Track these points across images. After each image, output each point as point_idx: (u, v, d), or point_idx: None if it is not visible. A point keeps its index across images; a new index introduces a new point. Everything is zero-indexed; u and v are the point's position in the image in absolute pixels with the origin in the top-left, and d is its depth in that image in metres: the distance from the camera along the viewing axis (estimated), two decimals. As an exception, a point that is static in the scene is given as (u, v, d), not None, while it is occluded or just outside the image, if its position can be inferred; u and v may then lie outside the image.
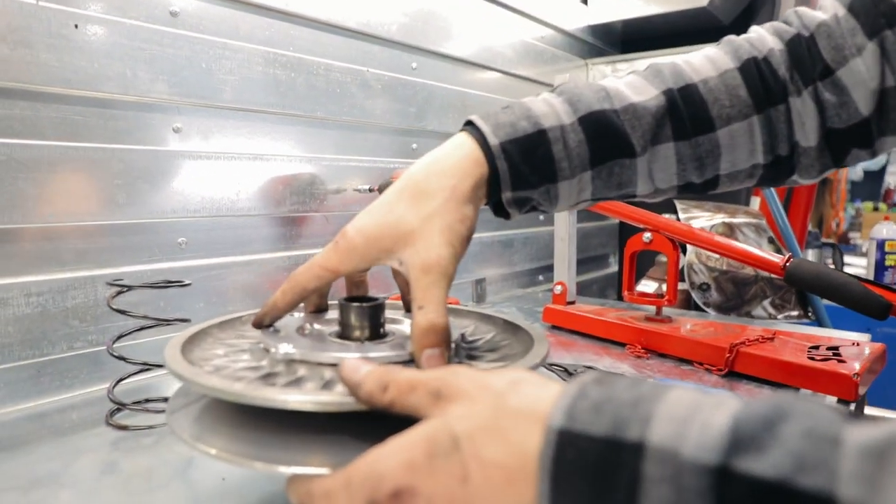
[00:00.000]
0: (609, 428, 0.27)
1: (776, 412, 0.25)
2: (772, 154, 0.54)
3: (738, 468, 0.24)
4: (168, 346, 0.47)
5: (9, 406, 0.73)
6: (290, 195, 1.02)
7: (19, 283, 0.72)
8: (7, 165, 0.70)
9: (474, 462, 0.30)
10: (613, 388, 0.30)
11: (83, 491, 0.55)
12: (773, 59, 0.52)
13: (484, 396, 0.32)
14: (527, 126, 0.48)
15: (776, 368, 0.84)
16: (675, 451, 0.25)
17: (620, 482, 0.26)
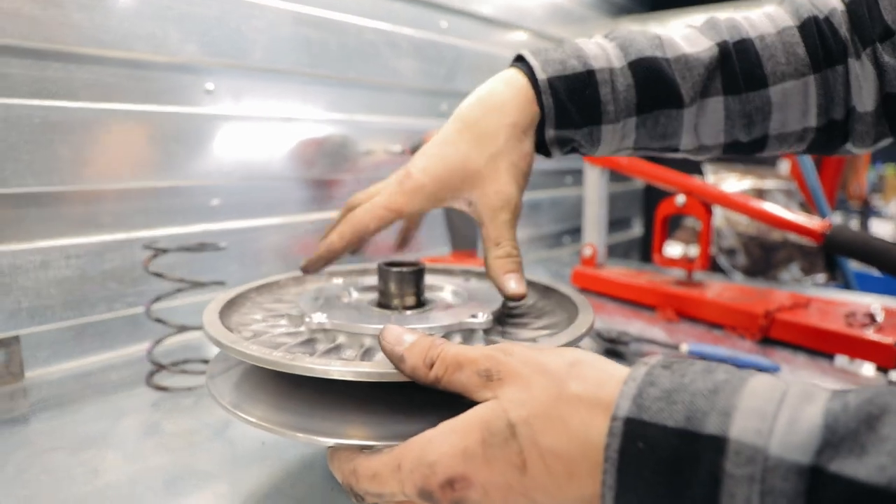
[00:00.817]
0: (683, 419, 0.25)
1: (875, 407, 0.23)
2: (826, 117, 0.52)
3: (835, 470, 0.22)
4: (206, 312, 0.48)
5: (54, 365, 0.74)
6: (321, 157, 1.01)
7: (59, 246, 0.73)
8: (43, 128, 0.70)
9: (533, 450, 0.29)
10: (686, 374, 0.27)
11: (128, 452, 0.56)
12: (834, 18, 0.50)
13: (541, 380, 0.30)
14: (576, 64, 0.47)
15: (813, 336, 0.83)
16: (762, 449, 0.23)
17: (697, 478, 0.24)
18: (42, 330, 0.72)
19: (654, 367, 0.29)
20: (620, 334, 0.86)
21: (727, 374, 0.27)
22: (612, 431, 0.27)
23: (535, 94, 0.47)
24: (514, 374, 0.31)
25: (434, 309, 0.50)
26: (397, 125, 1.13)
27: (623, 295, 1.10)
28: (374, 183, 0.53)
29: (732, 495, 0.23)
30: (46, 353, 0.74)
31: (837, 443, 0.23)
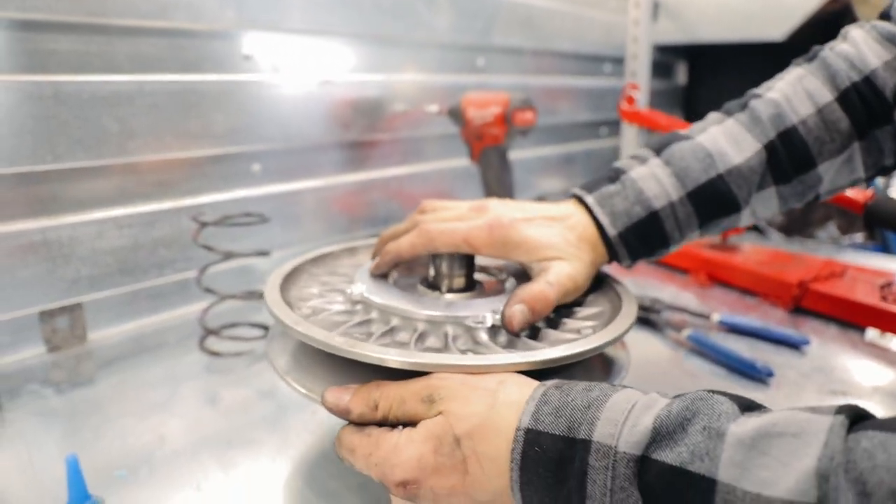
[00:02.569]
0: (566, 428, 0.34)
1: (688, 412, 0.32)
2: (874, 169, 0.55)
3: (654, 457, 0.31)
4: (267, 288, 0.51)
5: (113, 328, 0.79)
6: (358, 118, 1.01)
7: (112, 217, 0.76)
8: (91, 104, 0.71)
9: (472, 457, 0.36)
10: (570, 393, 0.36)
11: (189, 419, 0.61)
12: (875, 79, 0.51)
13: (477, 395, 0.37)
14: (640, 211, 0.53)
15: (845, 308, 0.84)
16: (612, 447, 0.32)
17: (573, 470, 0.33)
18: (101, 297, 0.77)
19: (549, 389, 0.37)
20: (653, 301, 0.87)
21: (599, 392, 0.35)
22: (516, 438, 0.35)
23: (605, 245, 0.53)
24: (453, 393, 0.38)
25: (478, 295, 0.53)
26: (434, 82, 1.12)
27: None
28: (410, 144, 0.56)
29: (594, 481, 0.32)
30: (106, 317, 0.78)
31: (660, 439, 0.31)
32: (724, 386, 0.69)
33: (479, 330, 0.46)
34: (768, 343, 0.79)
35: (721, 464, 0.29)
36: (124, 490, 0.50)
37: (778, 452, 0.28)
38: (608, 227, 0.53)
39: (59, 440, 0.57)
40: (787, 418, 0.29)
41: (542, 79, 1.39)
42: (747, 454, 0.28)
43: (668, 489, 0.30)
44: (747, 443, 0.29)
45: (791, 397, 0.66)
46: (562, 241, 0.51)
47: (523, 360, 0.40)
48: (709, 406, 0.32)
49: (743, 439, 0.29)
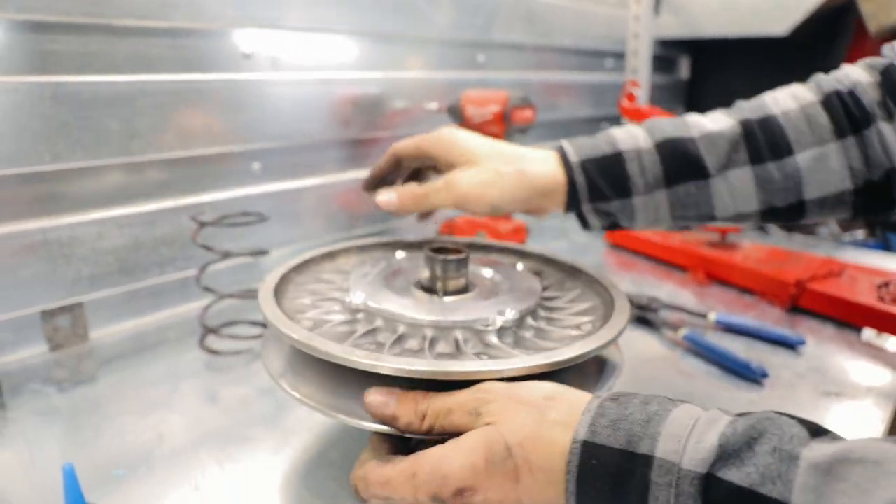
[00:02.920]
0: (624, 443, 0.34)
1: (755, 431, 0.31)
2: (863, 180, 0.54)
3: (720, 476, 0.30)
4: (261, 293, 0.51)
5: (114, 327, 0.80)
6: (358, 116, 1.01)
7: (112, 217, 0.77)
8: (92, 104, 0.72)
9: (524, 466, 0.36)
10: (627, 406, 0.35)
11: (189, 417, 0.62)
12: (857, 89, 0.53)
13: (525, 410, 0.37)
14: (606, 148, 0.56)
15: (842, 308, 0.84)
16: (676, 464, 0.32)
17: (634, 486, 0.33)
18: (102, 296, 0.78)
19: (605, 401, 0.37)
20: (650, 300, 0.88)
21: (658, 406, 0.35)
22: (572, 451, 0.35)
23: (565, 170, 0.56)
24: (501, 408, 0.38)
25: (471, 299, 0.53)
26: (434, 79, 1.12)
27: (655, 254, 1.11)
28: None
29: (657, 497, 0.32)
30: (107, 316, 0.79)
31: (726, 457, 0.31)
32: (719, 386, 0.69)
33: (488, 333, 0.47)
34: (764, 343, 0.79)
35: (795, 488, 0.28)
36: (123, 489, 0.51)
37: (858, 479, 0.27)
38: (571, 154, 0.56)
39: (61, 439, 0.58)
40: (864, 446, 0.29)
41: (542, 74, 1.39)
42: (823, 479, 0.28)
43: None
44: (823, 468, 0.28)
45: (785, 398, 0.66)
46: (491, 151, 0.55)
47: (545, 360, 0.41)
48: (777, 426, 0.31)
49: (819, 464, 0.28)
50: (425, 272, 0.54)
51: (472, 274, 0.58)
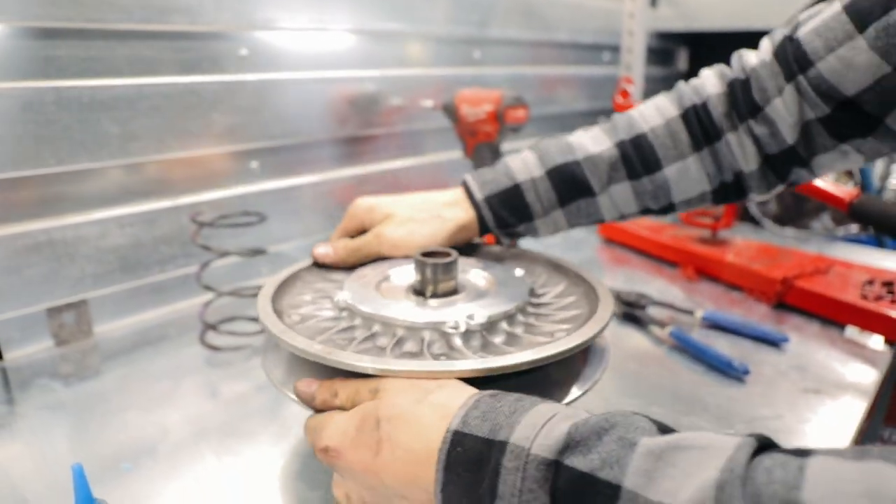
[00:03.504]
0: (488, 432, 0.36)
1: (607, 423, 0.33)
2: (717, 181, 0.64)
3: (567, 463, 0.32)
4: (260, 299, 0.53)
5: (116, 322, 0.83)
6: (355, 114, 1.03)
7: (114, 217, 0.79)
8: (91, 107, 0.74)
9: (387, 441, 0.39)
10: (501, 401, 0.38)
11: (190, 413, 0.64)
12: (710, 103, 0.62)
13: (412, 390, 0.40)
14: (505, 181, 0.64)
15: (826, 305, 0.86)
16: (526, 449, 0.33)
17: (489, 471, 0.34)
18: (105, 293, 0.80)
19: (483, 397, 0.39)
20: (639, 297, 0.90)
21: (528, 402, 0.37)
22: (444, 440, 0.37)
23: (473, 207, 0.64)
24: (391, 387, 0.42)
25: (458, 301, 0.54)
26: (430, 76, 1.14)
27: (647, 249, 1.13)
28: (406, 138, 0.68)
29: (505, 481, 0.33)
30: (111, 312, 0.82)
31: (574, 445, 0.33)
32: (701, 383, 0.72)
33: (453, 335, 0.49)
34: (749, 340, 0.82)
35: (629, 471, 0.30)
36: (130, 482, 0.53)
37: (685, 464, 0.29)
38: (476, 191, 0.64)
39: (68, 433, 0.61)
40: (697, 436, 0.31)
41: (539, 69, 1.40)
42: (655, 464, 0.30)
43: (575, 494, 0.31)
44: (656, 453, 0.30)
45: (765, 395, 0.69)
46: (406, 206, 0.63)
47: (468, 367, 0.43)
48: (627, 420, 0.33)
49: (653, 450, 0.30)
50: (418, 275, 0.56)
51: (466, 278, 0.59)
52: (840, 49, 0.52)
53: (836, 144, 0.58)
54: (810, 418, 0.65)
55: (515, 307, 0.52)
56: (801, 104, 0.57)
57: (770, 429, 0.62)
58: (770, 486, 0.26)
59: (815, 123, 0.58)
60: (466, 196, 0.65)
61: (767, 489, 0.26)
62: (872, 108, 0.54)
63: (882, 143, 0.56)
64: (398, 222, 0.62)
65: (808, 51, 0.55)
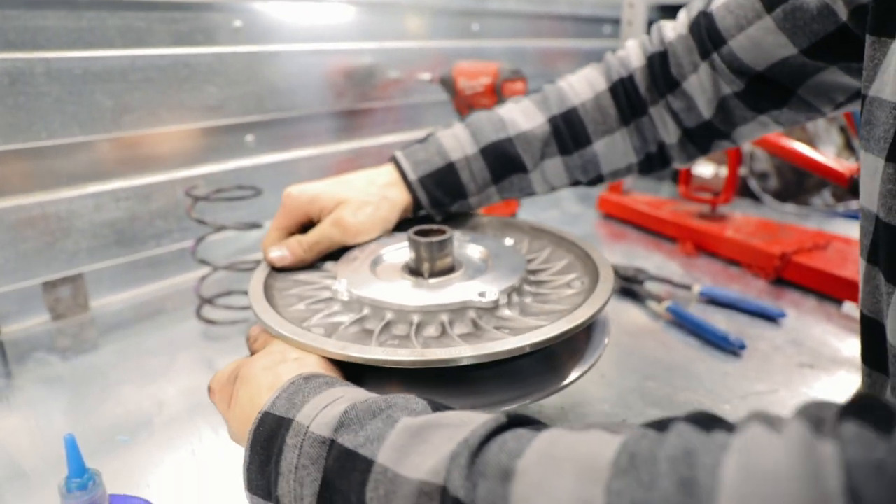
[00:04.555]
0: (284, 411, 0.37)
1: (384, 404, 0.34)
2: (643, 153, 0.66)
3: (338, 441, 0.33)
4: (252, 294, 0.51)
5: (112, 296, 0.83)
6: (352, 87, 1.02)
7: (109, 190, 0.79)
8: (84, 79, 0.73)
9: (235, 397, 0.41)
10: (309, 383, 0.39)
11: (187, 386, 0.65)
12: (636, 77, 0.63)
13: (273, 355, 0.43)
14: (439, 161, 0.62)
15: (824, 280, 0.86)
16: (305, 426, 0.34)
17: (276, 448, 0.35)
18: (101, 267, 0.80)
19: (299, 377, 0.39)
20: (637, 272, 0.90)
21: (328, 384, 0.38)
22: (255, 419, 0.37)
23: (408, 189, 0.62)
24: (267, 350, 0.44)
25: (454, 280, 0.53)
26: (428, 49, 1.12)
27: (646, 224, 1.12)
28: (403, 112, 0.64)
29: (286, 457, 0.34)
30: (107, 286, 0.82)
31: (349, 424, 0.33)
32: (697, 357, 0.72)
33: (473, 313, 0.48)
34: (746, 315, 0.82)
35: (384, 447, 0.31)
36: (126, 454, 0.54)
37: (437, 440, 0.30)
38: (409, 172, 0.62)
39: (65, 406, 0.61)
40: (458, 414, 0.32)
41: (538, 42, 1.38)
42: (410, 440, 0.30)
43: (340, 470, 0.32)
44: (413, 430, 0.31)
45: (759, 369, 0.69)
46: (351, 189, 0.60)
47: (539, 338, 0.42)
48: (405, 402, 0.34)
49: (410, 427, 0.31)
50: (412, 254, 0.54)
51: (460, 253, 0.58)
52: (749, 28, 0.53)
53: (754, 116, 0.59)
54: (805, 393, 0.65)
55: (520, 279, 0.51)
56: (717, 80, 0.58)
57: (765, 403, 0.63)
58: (498, 455, 0.27)
59: (731, 98, 0.59)
60: (400, 177, 0.63)
61: (494, 458, 0.27)
62: (785, 81, 0.55)
63: (798, 113, 0.58)
64: (354, 207, 0.59)
65: (720, 28, 0.56)
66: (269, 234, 0.60)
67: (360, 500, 0.30)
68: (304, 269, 0.59)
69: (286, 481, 0.34)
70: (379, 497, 0.29)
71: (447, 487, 0.27)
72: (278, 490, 0.34)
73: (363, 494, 0.30)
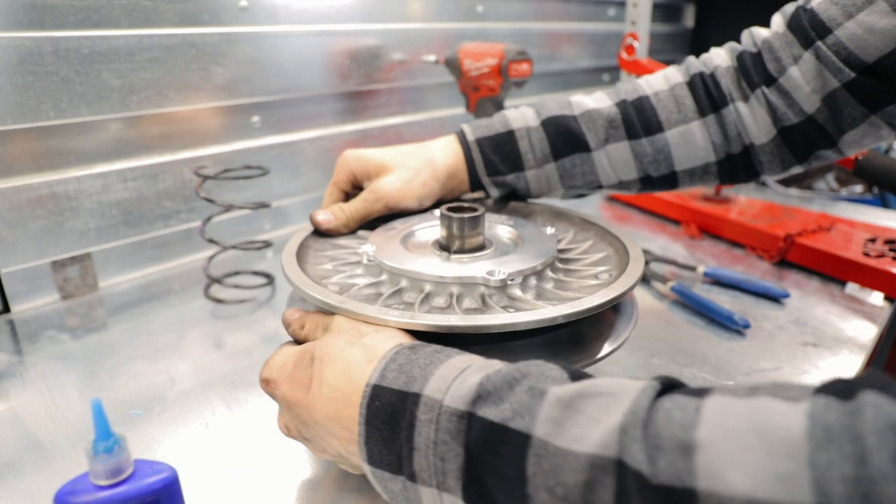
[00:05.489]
0: (403, 384, 0.36)
1: (518, 374, 0.33)
2: (724, 152, 0.62)
3: (479, 414, 0.32)
4: (287, 266, 0.51)
5: (120, 276, 0.83)
6: (357, 68, 1.02)
7: (116, 170, 0.79)
8: (91, 59, 0.73)
9: (318, 378, 0.40)
10: (418, 353, 0.38)
11: (198, 363, 0.65)
12: (717, 72, 0.60)
13: (347, 333, 0.42)
14: (499, 127, 0.62)
15: (828, 262, 0.86)
16: (439, 401, 0.34)
17: (404, 422, 0.35)
18: (109, 247, 0.80)
19: (402, 349, 0.39)
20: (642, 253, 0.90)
21: (444, 354, 0.38)
22: (364, 394, 0.37)
23: (463, 151, 0.62)
24: (338, 328, 0.43)
25: (479, 259, 0.52)
26: (432, 30, 1.12)
27: (651, 207, 1.13)
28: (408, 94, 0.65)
29: (420, 433, 0.34)
30: (115, 266, 0.82)
31: (486, 396, 0.33)
32: (702, 336, 0.72)
33: (481, 288, 0.48)
34: (750, 295, 0.82)
35: (538, 420, 0.30)
36: (141, 427, 0.55)
37: (593, 410, 0.30)
38: (468, 133, 0.62)
39: (78, 382, 0.62)
40: (606, 382, 0.32)
41: (543, 25, 1.37)
42: (564, 412, 0.30)
43: (488, 444, 0.31)
44: (565, 401, 0.30)
45: (763, 348, 0.69)
46: (398, 154, 0.60)
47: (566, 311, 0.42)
48: (539, 370, 0.34)
49: (562, 398, 0.31)
50: (443, 231, 0.54)
51: (493, 234, 0.58)
52: (860, 14, 0.50)
53: (865, 115, 0.55)
54: (808, 370, 0.66)
55: (541, 265, 0.50)
56: (822, 71, 0.54)
57: (769, 380, 0.63)
58: (669, 427, 0.27)
59: (839, 92, 0.54)
60: (457, 139, 0.63)
61: (666, 430, 0.27)
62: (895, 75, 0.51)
63: None
64: (391, 172, 0.60)
65: (824, 19, 0.53)
66: (327, 191, 0.63)
67: (518, 474, 0.30)
68: (347, 234, 0.61)
69: (423, 456, 0.34)
70: (543, 471, 0.29)
71: (624, 461, 0.27)
72: (414, 465, 0.34)
73: (523, 469, 0.30)
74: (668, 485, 0.25)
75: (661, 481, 0.26)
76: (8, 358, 0.65)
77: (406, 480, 0.35)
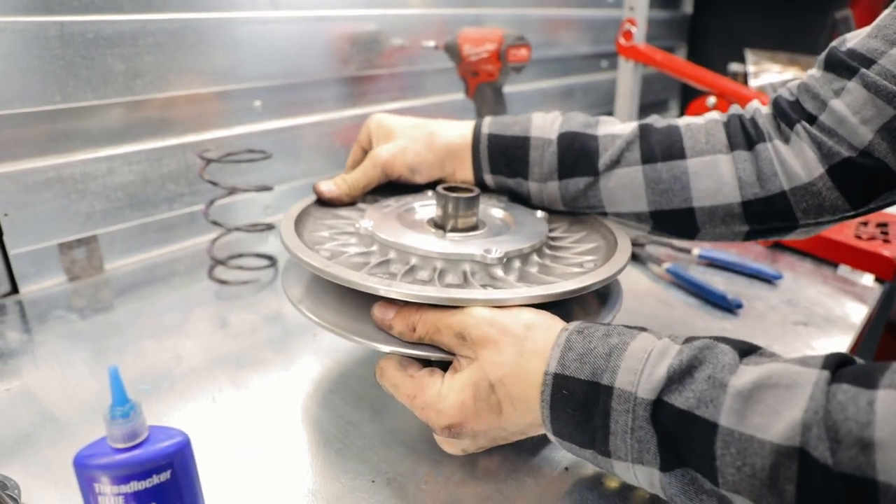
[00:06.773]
0: (590, 375, 0.39)
1: (696, 360, 0.36)
2: (754, 194, 0.54)
3: (667, 400, 0.36)
4: (283, 229, 0.53)
5: (126, 259, 0.85)
6: (356, 54, 1.02)
7: (121, 154, 0.80)
8: (96, 43, 0.74)
9: (506, 400, 0.42)
10: (591, 340, 0.40)
11: (204, 342, 0.67)
12: (756, 115, 0.56)
13: (506, 341, 0.42)
14: (517, 130, 0.60)
15: (820, 245, 0.88)
16: (632, 393, 0.37)
17: (598, 411, 0.38)
18: (115, 229, 0.82)
19: (571, 334, 0.41)
20: (638, 236, 0.92)
21: (618, 339, 0.40)
22: (545, 382, 0.40)
23: (472, 138, 0.61)
24: (484, 337, 0.42)
25: (471, 238, 0.54)
26: (432, 16, 1.12)
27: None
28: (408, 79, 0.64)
29: (617, 421, 0.38)
30: (121, 248, 0.83)
31: (671, 384, 0.36)
32: (695, 315, 0.74)
33: (493, 266, 0.49)
34: (744, 277, 0.84)
35: (723, 411, 0.34)
36: (150, 401, 0.56)
37: (772, 401, 0.33)
38: (485, 126, 0.61)
39: (87, 359, 0.63)
40: (780, 371, 0.34)
41: (541, 10, 1.38)
42: (745, 403, 0.33)
43: (679, 428, 0.35)
44: (745, 394, 0.34)
45: (755, 327, 0.71)
46: (407, 123, 0.62)
47: (541, 292, 0.44)
48: (714, 355, 0.36)
49: (741, 391, 0.34)
50: (439, 210, 0.56)
51: (487, 215, 0.59)
52: None
53: None
54: (799, 348, 0.68)
55: (533, 245, 0.52)
56: (872, 100, 0.48)
57: None
58: (845, 423, 0.30)
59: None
60: (473, 126, 0.62)
61: (843, 426, 0.30)
62: None
63: None
64: (392, 139, 0.61)
65: (864, 52, 0.49)
66: (352, 151, 0.66)
67: (707, 451, 0.34)
68: (349, 205, 0.63)
69: (621, 440, 0.37)
70: (731, 454, 0.33)
71: (807, 450, 0.30)
72: (610, 446, 0.38)
73: (712, 450, 0.33)
74: (849, 474, 0.29)
75: (842, 471, 0.29)
76: (19, 336, 0.67)
77: (597, 455, 0.39)
